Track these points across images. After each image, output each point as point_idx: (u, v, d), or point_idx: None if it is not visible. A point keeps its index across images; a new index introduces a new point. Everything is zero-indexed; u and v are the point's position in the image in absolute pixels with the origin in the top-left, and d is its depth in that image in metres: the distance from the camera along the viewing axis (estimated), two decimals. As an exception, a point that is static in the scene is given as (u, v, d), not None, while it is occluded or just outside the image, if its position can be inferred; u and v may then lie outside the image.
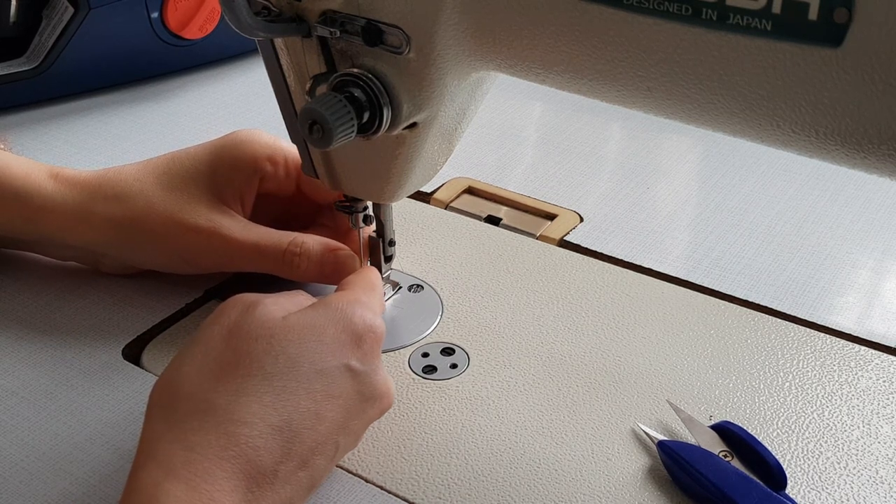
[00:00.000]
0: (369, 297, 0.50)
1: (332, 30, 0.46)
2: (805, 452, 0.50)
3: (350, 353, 0.46)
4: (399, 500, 0.48)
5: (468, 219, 0.70)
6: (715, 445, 0.49)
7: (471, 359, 0.56)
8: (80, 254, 0.61)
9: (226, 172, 0.58)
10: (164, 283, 0.61)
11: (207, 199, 0.57)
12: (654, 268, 0.64)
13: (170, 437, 0.42)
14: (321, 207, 0.62)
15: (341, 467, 0.49)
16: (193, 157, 0.58)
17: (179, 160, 0.59)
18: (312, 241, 0.57)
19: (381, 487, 0.48)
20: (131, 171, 0.59)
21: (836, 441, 0.51)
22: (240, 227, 0.57)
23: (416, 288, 0.62)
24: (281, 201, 0.61)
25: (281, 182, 0.60)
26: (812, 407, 0.53)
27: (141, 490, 0.40)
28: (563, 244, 0.67)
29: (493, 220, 0.70)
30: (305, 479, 0.43)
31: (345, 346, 0.46)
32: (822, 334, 0.58)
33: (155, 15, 0.84)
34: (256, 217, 0.59)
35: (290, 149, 0.59)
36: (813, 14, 0.35)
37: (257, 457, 0.41)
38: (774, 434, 0.51)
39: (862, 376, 0.55)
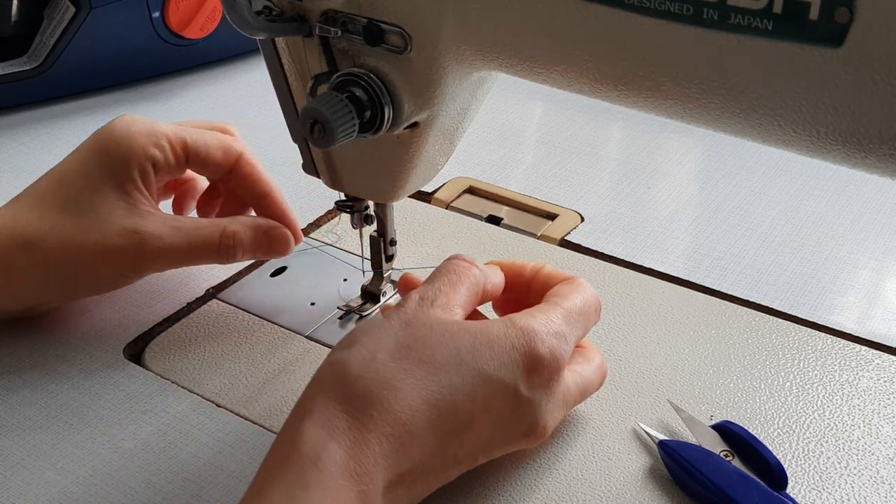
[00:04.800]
0: (568, 326, 0.47)
1: (333, 29, 0.46)
2: (806, 452, 0.50)
3: (520, 376, 0.44)
4: (400, 499, 0.48)
5: (469, 218, 0.70)
6: (716, 445, 0.49)
7: (472, 358, 0.56)
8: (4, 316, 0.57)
9: (122, 170, 0.55)
10: (164, 282, 0.61)
11: (121, 207, 0.54)
12: (655, 268, 0.64)
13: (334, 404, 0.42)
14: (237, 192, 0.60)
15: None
16: (83, 173, 0.55)
17: (70, 181, 0.55)
18: (243, 228, 0.56)
19: (382, 487, 0.48)
20: (25, 212, 0.54)
21: (836, 441, 0.51)
22: (167, 231, 0.55)
23: (417, 287, 0.62)
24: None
25: (171, 166, 0.56)
26: (813, 407, 0.53)
27: (305, 442, 0.40)
28: (564, 244, 0.67)
29: (494, 220, 0.70)
30: (440, 468, 0.44)
31: (516, 367, 0.44)
32: (823, 334, 0.58)
33: (156, 14, 0.84)
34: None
35: (168, 128, 0.56)
36: (814, 14, 0.35)
37: (408, 439, 0.42)
38: (775, 434, 0.51)
39: (863, 376, 0.55)
